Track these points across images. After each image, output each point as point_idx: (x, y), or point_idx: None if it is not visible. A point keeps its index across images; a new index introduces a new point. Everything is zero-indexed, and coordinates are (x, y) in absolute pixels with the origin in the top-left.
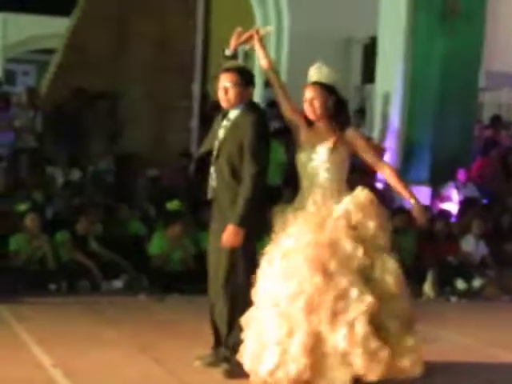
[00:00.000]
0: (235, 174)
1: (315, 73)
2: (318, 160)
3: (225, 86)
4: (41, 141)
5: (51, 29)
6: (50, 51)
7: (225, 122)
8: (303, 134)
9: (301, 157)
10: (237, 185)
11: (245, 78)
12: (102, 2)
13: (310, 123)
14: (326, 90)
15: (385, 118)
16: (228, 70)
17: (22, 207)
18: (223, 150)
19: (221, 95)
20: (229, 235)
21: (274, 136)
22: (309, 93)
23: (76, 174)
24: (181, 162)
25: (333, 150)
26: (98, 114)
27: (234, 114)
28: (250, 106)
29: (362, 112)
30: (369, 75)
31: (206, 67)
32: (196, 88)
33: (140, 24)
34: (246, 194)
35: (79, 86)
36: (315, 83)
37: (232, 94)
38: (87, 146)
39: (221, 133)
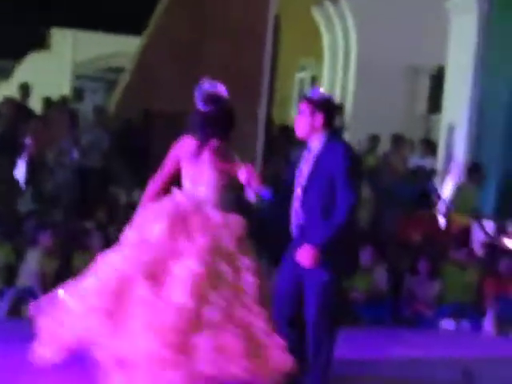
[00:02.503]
0: (325, 210)
1: None
2: None
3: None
4: (107, 160)
5: (121, 47)
6: (118, 70)
7: (306, 154)
8: None
9: None
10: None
11: (313, 105)
12: (173, 23)
13: None
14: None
15: (450, 148)
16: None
17: (87, 226)
18: (312, 184)
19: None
20: (306, 254)
21: None
22: None
23: (138, 195)
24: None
25: None
26: (164, 134)
27: (314, 144)
28: (331, 136)
29: (427, 142)
30: (435, 105)
31: (272, 92)
32: (262, 113)
33: (209, 46)
34: (339, 219)
35: (147, 105)
36: None
37: (300, 122)
38: (151, 167)
39: (305, 166)
